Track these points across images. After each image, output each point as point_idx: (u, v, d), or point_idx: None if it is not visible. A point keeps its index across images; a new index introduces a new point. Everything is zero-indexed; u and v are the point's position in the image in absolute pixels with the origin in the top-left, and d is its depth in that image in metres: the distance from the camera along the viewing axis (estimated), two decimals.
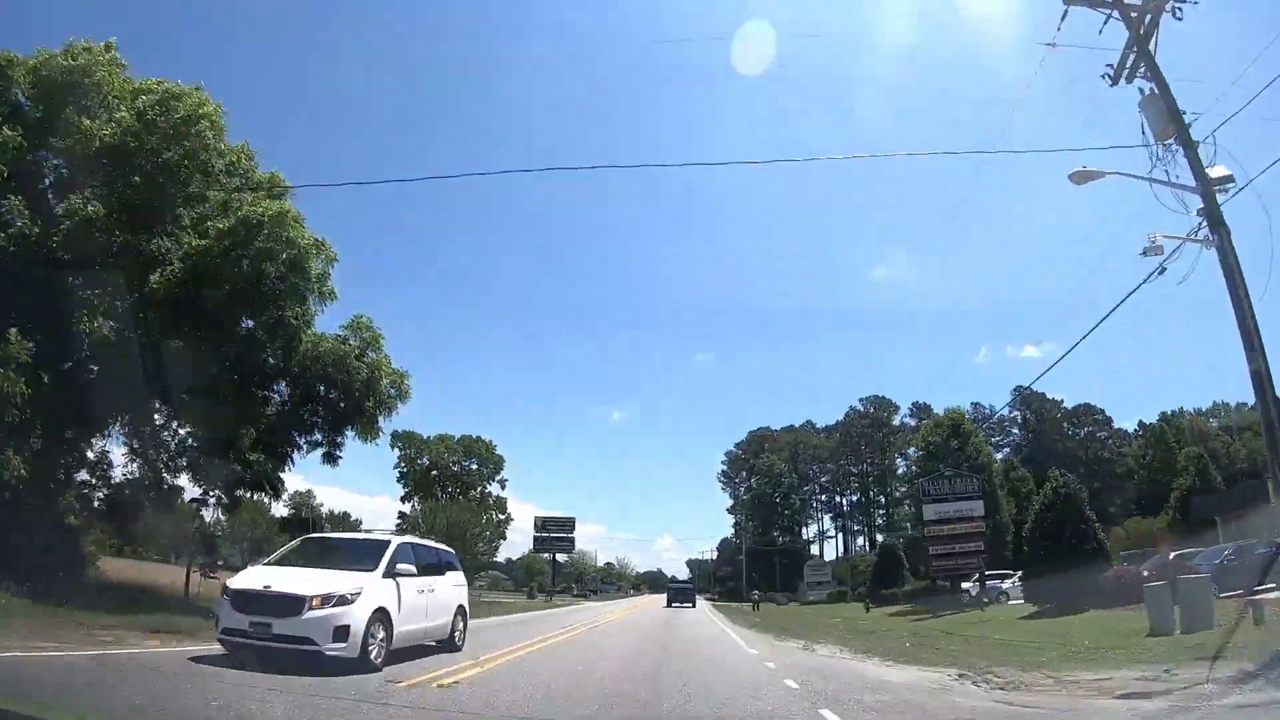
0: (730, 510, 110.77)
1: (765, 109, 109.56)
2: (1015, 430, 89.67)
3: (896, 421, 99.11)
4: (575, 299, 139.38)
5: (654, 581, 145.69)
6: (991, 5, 53.37)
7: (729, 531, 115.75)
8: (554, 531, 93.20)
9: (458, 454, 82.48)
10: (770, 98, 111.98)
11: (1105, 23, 12.75)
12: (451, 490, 75.97)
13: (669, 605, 47.30)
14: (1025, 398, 79.12)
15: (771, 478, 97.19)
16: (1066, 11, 13.11)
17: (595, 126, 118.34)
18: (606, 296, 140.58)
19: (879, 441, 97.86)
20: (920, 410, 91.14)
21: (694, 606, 49.15)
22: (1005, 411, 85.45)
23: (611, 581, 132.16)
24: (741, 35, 57.01)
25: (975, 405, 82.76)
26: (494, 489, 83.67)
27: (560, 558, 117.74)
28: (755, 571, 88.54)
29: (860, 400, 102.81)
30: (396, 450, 76.10)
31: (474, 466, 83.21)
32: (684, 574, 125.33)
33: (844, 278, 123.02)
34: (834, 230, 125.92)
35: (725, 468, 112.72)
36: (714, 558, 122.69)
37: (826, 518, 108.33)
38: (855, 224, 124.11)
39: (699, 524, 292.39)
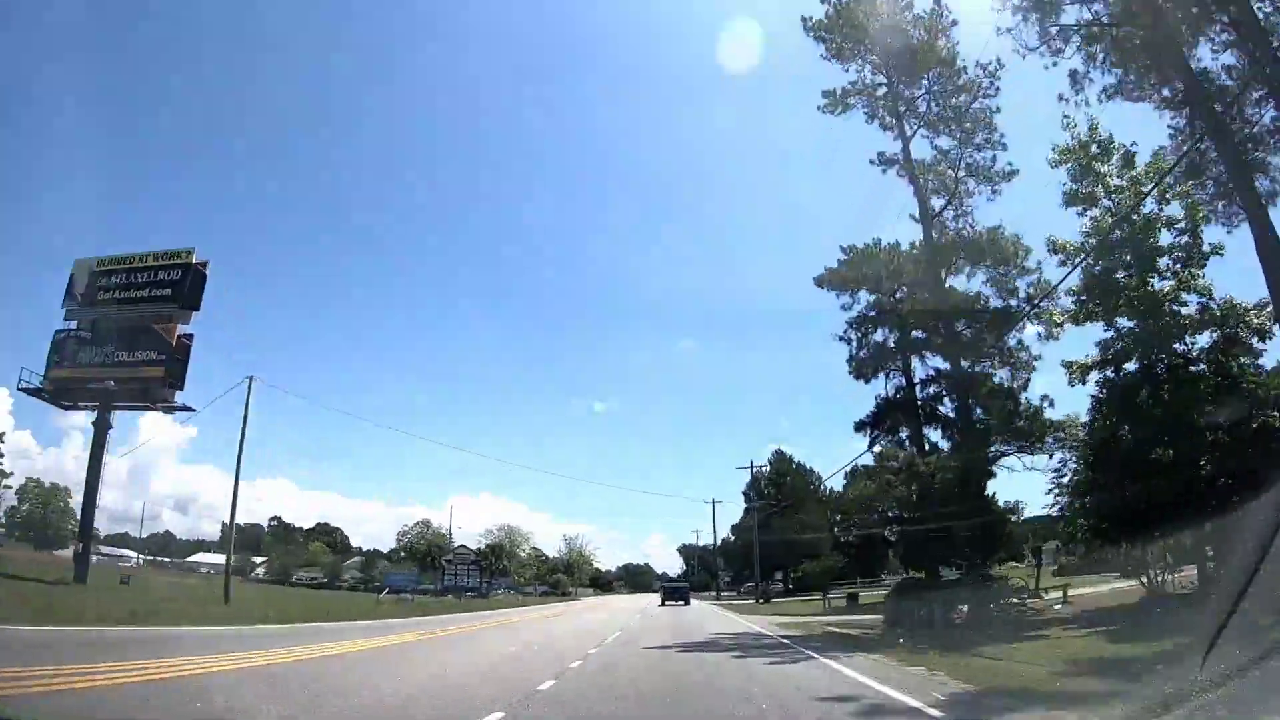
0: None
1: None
2: None
3: None
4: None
5: (635, 578, 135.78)
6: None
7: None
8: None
9: None
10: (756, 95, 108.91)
11: None
12: None
13: (663, 604, 50.08)
14: None
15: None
16: None
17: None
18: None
19: None
20: None
21: (688, 605, 50.02)
22: None
23: (511, 574, 70.31)
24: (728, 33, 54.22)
25: None
26: None
27: (476, 539, 60.78)
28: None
29: None
30: None
31: None
32: (677, 564, 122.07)
33: None
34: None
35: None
36: (728, 535, 79.26)
37: None
38: None
39: (691, 520, 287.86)
